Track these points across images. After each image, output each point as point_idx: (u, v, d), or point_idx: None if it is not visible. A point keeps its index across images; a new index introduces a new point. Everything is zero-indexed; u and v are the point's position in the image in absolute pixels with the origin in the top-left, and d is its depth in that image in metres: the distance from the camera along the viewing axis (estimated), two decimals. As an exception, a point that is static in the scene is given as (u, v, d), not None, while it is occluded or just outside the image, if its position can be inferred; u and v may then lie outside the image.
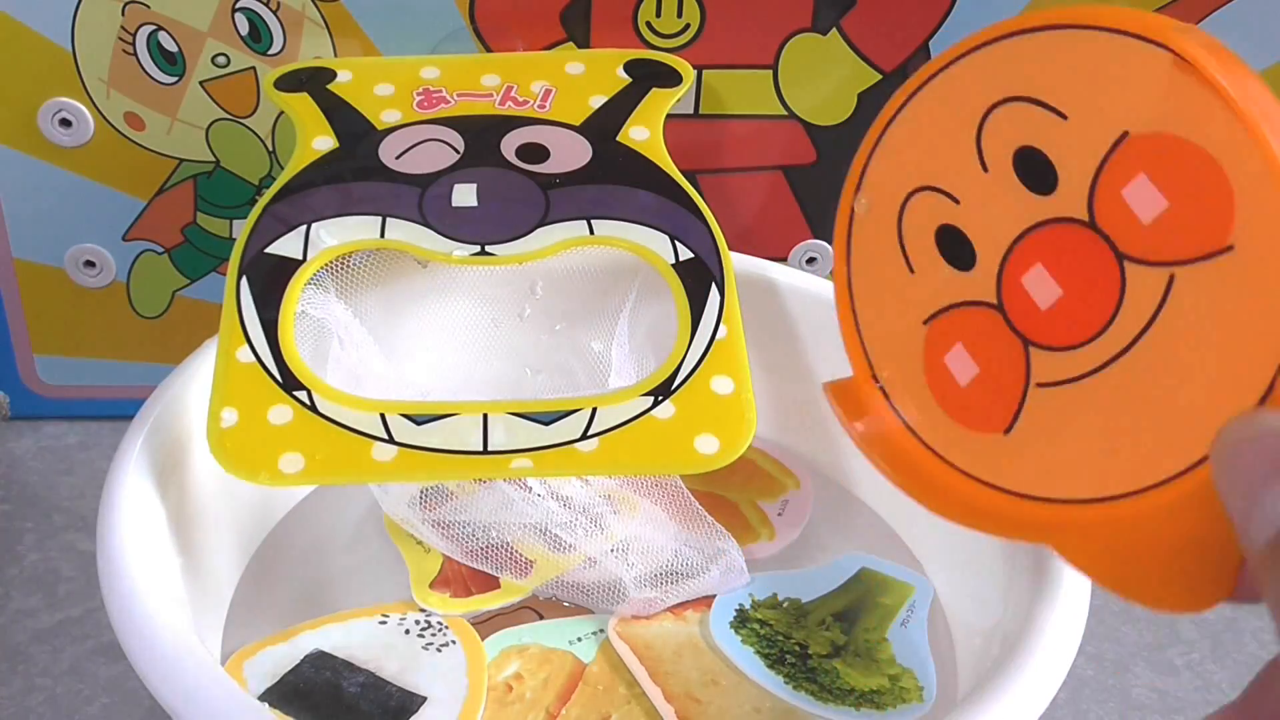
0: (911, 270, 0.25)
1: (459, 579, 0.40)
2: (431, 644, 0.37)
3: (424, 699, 0.35)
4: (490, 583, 0.39)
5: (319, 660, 0.36)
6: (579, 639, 0.37)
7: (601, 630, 0.38)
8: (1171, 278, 0.20)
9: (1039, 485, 0.23)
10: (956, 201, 0.24)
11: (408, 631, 0.37)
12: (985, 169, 0.23)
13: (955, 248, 0.24)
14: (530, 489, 0.40)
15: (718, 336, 0.37)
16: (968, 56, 0.24)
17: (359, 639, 0.37)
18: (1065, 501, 0.22)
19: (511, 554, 0.39)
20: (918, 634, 0.38)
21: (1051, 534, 0.22)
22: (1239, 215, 0.19)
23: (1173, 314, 0.20)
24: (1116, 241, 0.21)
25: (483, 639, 0.37)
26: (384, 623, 0.37)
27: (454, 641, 0.37)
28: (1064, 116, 0.22)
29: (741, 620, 0.38)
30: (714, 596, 0.39)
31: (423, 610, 0.38)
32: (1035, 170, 0.22)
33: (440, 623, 0.38)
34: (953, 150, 0.24)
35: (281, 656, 0.36)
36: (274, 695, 0.35)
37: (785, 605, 0.39)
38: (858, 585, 0.40)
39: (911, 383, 0.25)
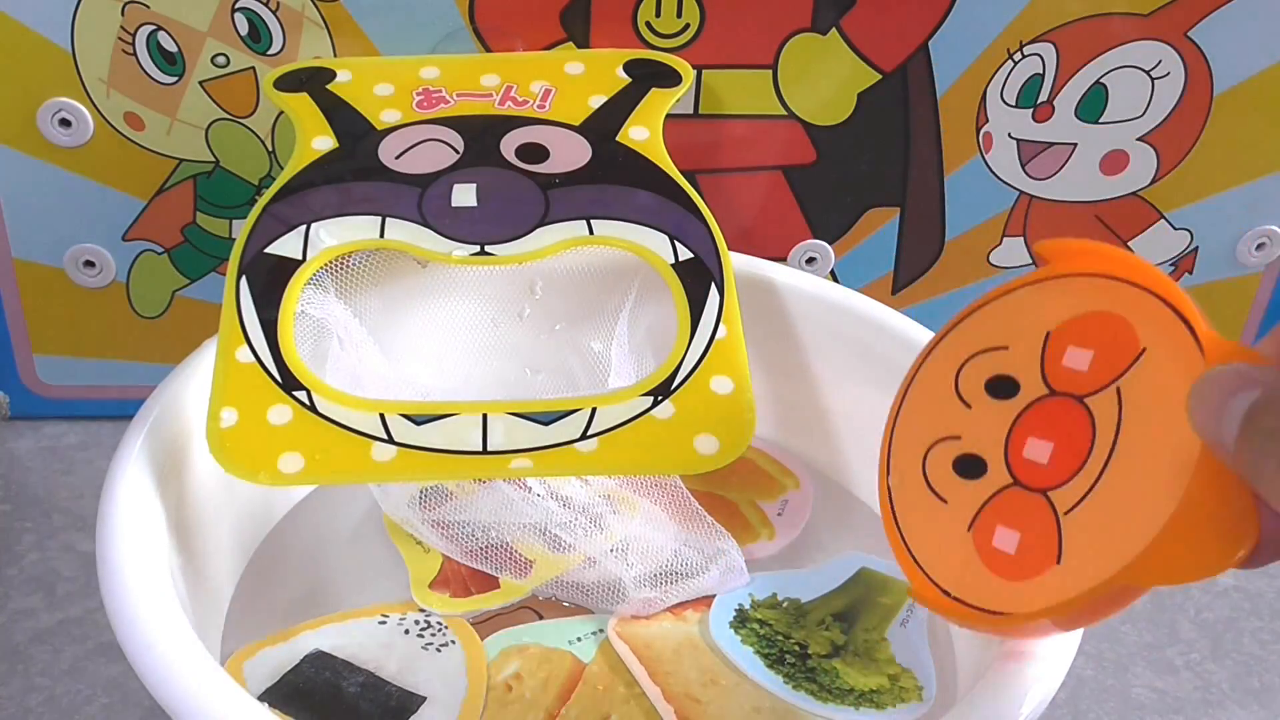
0: (945, 501, 0.32)
1: (459, 579, 0.40)
2: (431, 644, 0.37)
3: (424, 699, 0.35)
4: (490, 583, 0.39)
5: (318, 660, 0.36)
6: (578, 639, 0.37)
7: (601, 630, 0.38)
8: (1118, 390, 0.29)
9: (1101, 571, 0.28)
10: (959, 439, 0.32)
11: (407, 631, 0.37)
12: (969, 406, 0.32)
13: (970, 467, 0.32)
14: (530, 489, 0.40)
15: (717, 336, 0.37)
16: (934, 351, 0.33)
17: (359, 639, 0.37)
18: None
19: (511, 554, 0.39)
20: (917, 634, 0.38)
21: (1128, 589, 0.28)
22: (1139, 331, 0.29)
23: (1129, 412, 0.29)
24: (1073, 392, 0.30)
25: (482, 639, 0.37)
26: (384, 623, 0.37)
27: (453, 641, 0.37)
28: (1006, 348, 0.32)
29: (741, 620, 0.38)
30: (714, 596, 0.39)
31: (422, 610, 0.38)
32: (1002, 387, 0.32)
33: (440, 623, 0.38)
34: (942, 408, 0.33)
35: (281, 657, 0.36)
36: (274, 695, 0.35)
37: (785, 605, 0.39)
38: (857, 585, 0.40)
39: (977, 578, 0.30)
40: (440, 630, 0.37)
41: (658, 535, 0.39)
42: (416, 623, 0.38)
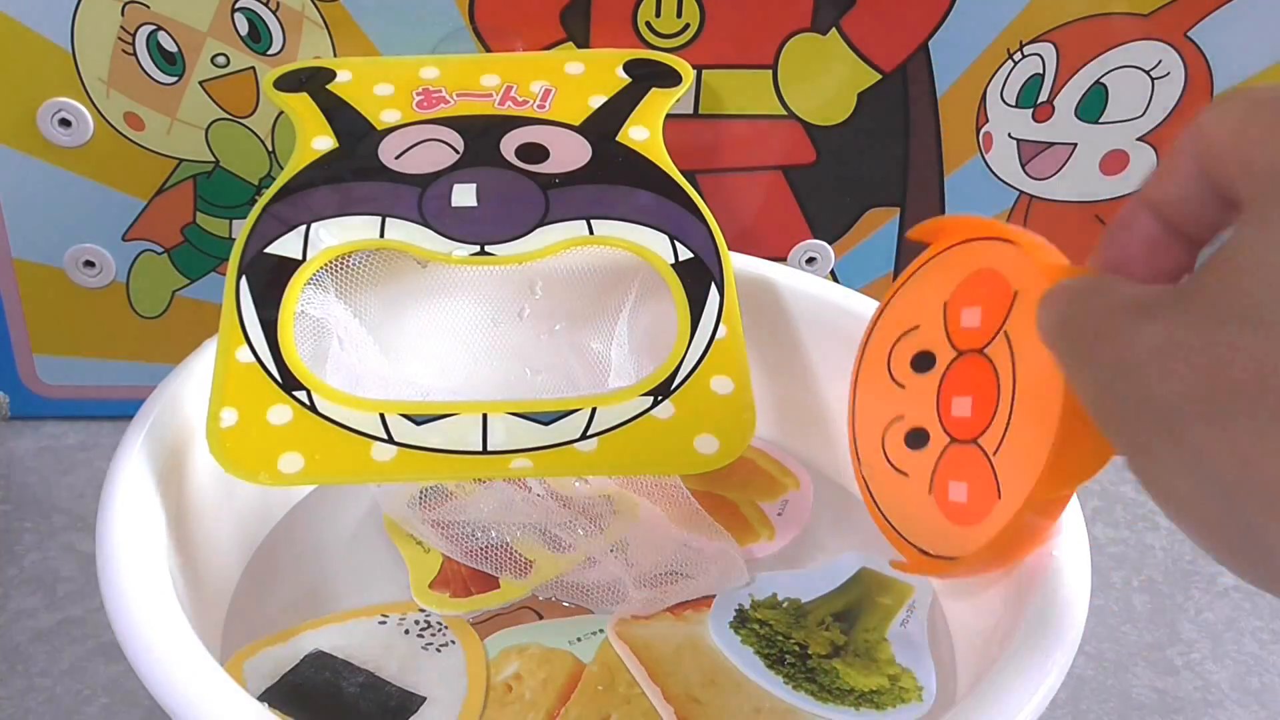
0: (905, 474, 0.36)
1: (458, 579, 0.40)
2: (431, 644, 0.37)
3: (423, 699, 0.35)
4: (490, 583, 0.39)
5: (319, 660, 0.36)
6: (578, 639, 0.37)
7: (601, 630, 0.38)
8: (1006, 334, 0.33)
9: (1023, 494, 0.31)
10: (903, 417, 0.36)
11: (407, 632, 0.37)
12: (903, 386, 0.37)
13: (917, 439, 0.36)
14: (530, 489, 0.40)
15: (717, 336, 0.37)
16: (866, 349, 0.38)
17: (359, 639, 0.37)
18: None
19: (511, 554, 0.39)
20: (917, 634, 0.38)
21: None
22: (1008, 278, 0.33)
23: (1018, 350, 0.32)
24: (974, 348, 0.34)
25: (482, 639, 0.37)
26: (384, 623, 0.37)
27: (454, 641, 0.37)
28: (917, 326, 0.36)
29: (741, 620, 0.38)
30: (713, 597, 0.39)
31: (422, 610, 0.38)
32: (924, 361, 0.36)
33: (440, 623, 0.38)
34: (884, 395, 0.37)
35: (281, 656, 0.36)
36: (274, 695, 0.35)
37: (785, 605, 0.39)
38: (857, 585, 0.40)
39: (946, 532, 0.34)
40: (440, 630, 0.37)
41: (658, 535, 0.39)
42: (417, 623, 0.38)
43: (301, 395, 0.35)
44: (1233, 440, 0.19)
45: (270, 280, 0.37)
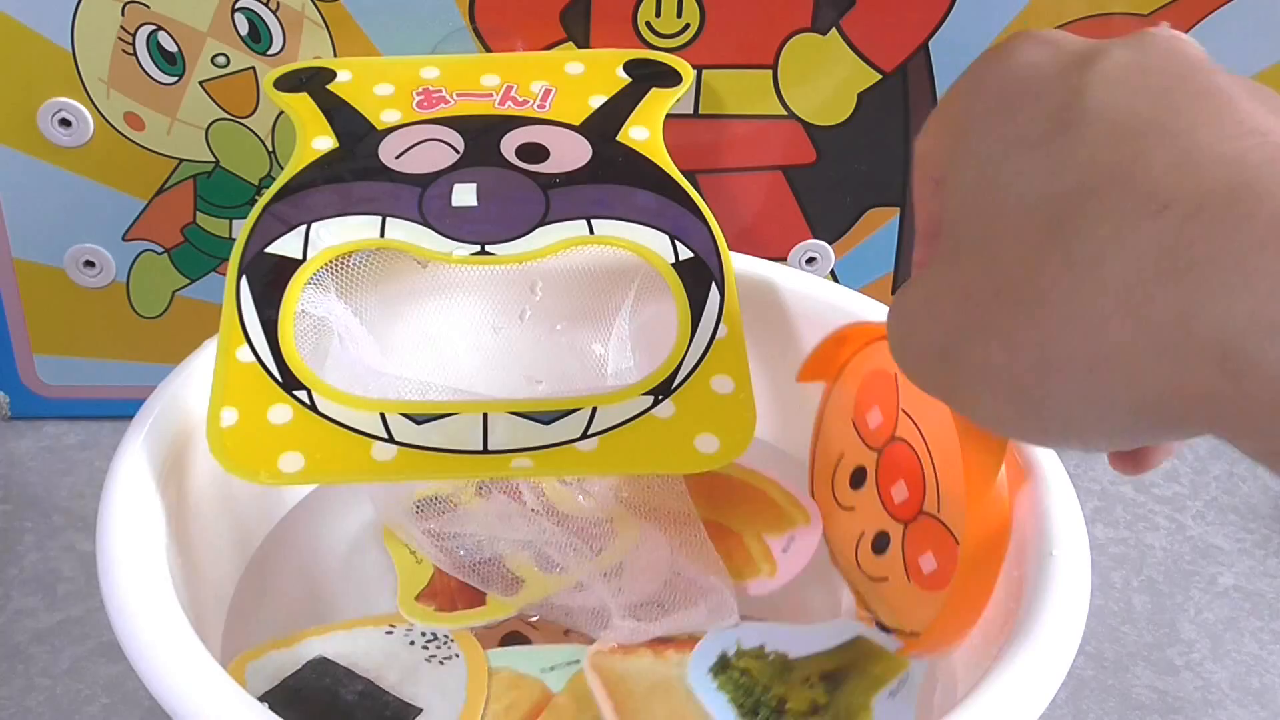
0: (885, 579, 0.38)
1: (445, 593, 0.39)
2: (435, 656, 0.36)
3: (419, 710, 0.34)
4: (476, 599, 0.39)
5: (320, 666, 0.36)
6: (552, 667, 0.36)
7: (578, 661, 0.36)
8: (903, 410, 0.37)
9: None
10: (864, 533, 0.38)
11: (413, 643, 0.37)
12: (852, 508, 0.40)
13: (882, 544, 0.37)
14: (528, 505, 0.39)
15: (718, 336, 0.37)
16: (815, 495, 0.42)
17: (363, 647, 0.37)
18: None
19: (502, 569, 0.39)
20: (905, 706, 0.35)
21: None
22: (887, 368, 0.37)
23: (916, 410, 0.36)
24: (886, 440, 0.37)
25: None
26: (390, 633, 0.37)
27: (458, 655, 0.37)
28: (842, 455, 0.40)
29: (722, 665, 0.36)
30: (699, 637, 0.37)
31: (438, 627, 0.38)
32: (858, 477, 0.39)
33: (447, 636, 0.37)
34: (844, 525, 0.40)
35: (285, 660, 0.36)
36: (273, 698, 0.35)
37: (771, 657, 0.36)
38: (850, 650, 0.37)
39: (930, 608, 0.35)
40: (446, 643, 0.37)
41: (653, 561, 0.38)
42: (423, 634, 0.37)
43: (302, 395, 0.35)
44: (989, 349, 0.25)
45: (270, 280, 0.37)
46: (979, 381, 0.25)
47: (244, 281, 0.37)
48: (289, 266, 0.37)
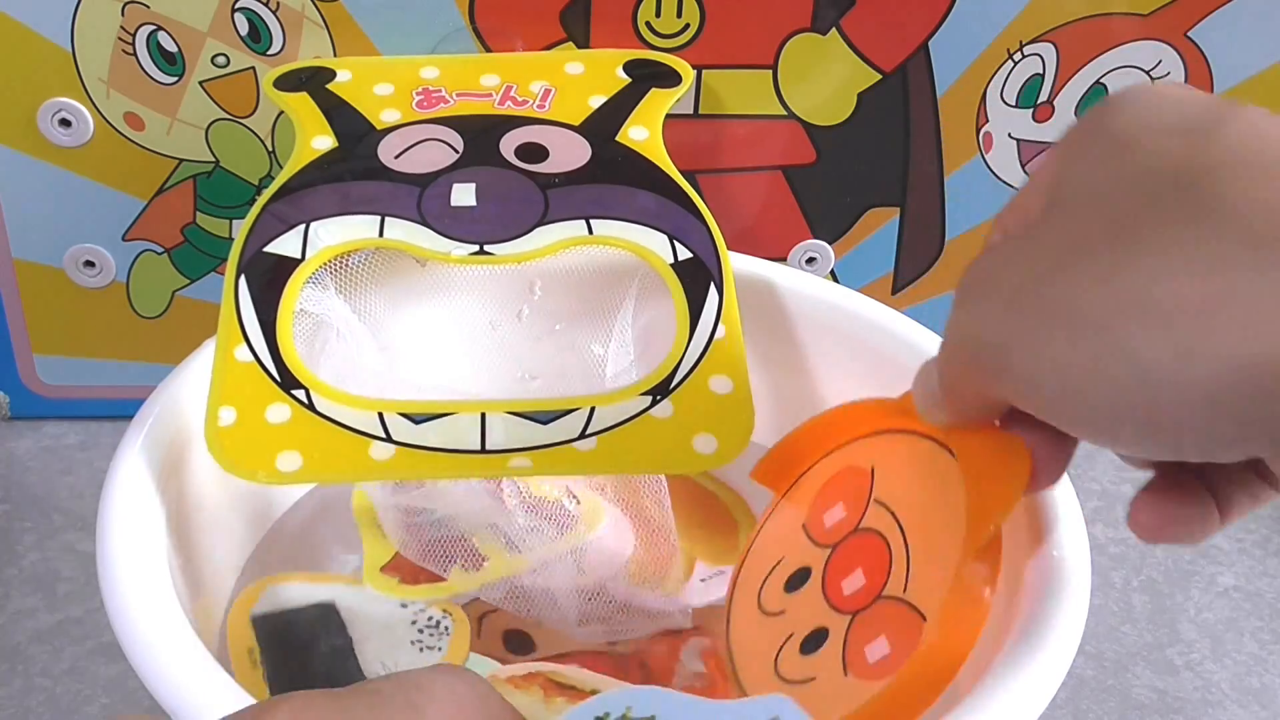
0: (813, 678, 0.34)
1: (408, 566, 0.39)
2: (421, 642, 0.37)
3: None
4: (440, 574, 0.39)
5: (322, 612, 0.37)
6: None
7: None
8: (877, 499, 0.34)
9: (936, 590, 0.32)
10: (792, 634, 0.35)
11: (414, 622, 0.37)
12: (781, 613, 0.36)
13: (815, 642, 0.34)
14: (501, 488, 0.39)
15: (716, 336, 0.37)
16: (733, 603, 0.37)
17: (372, 610, 0.37)
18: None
19: (467, 547, 0.38)
20: None
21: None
22: (861, 464, 0.35)
23: (896, 496, 0.34)
24: (849, 532, 0.34)
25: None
26: (404, 607, 0.38)
27: (440, 650, 0.37)
28: (782, 558, 0.36)
29: None
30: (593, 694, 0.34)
31: (446, 612, 0.38)
32: (798, 579, 0.35)
33: (448, 629, 0.37)
34: (768, 632, 0.35)
35: (301, 593, 0.37)
36: (265, 621, 0.36)
37: None
38: None
39: (851, 695, 0.32)
40: (441, 635, 0.37)
41: (614, 548, 0.38)
42: (430, 620, 0.37)
43: (300, 394, 0.35)
44: (1079, 283, 0.24)
45: (269, 279, 0.37)
46: (1054, 322, 0.23)
47: (243, 281, 0.37)
48: (288, 266, 0.37)
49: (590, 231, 0.39)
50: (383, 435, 0.34)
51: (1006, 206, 0.29)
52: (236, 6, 0.46)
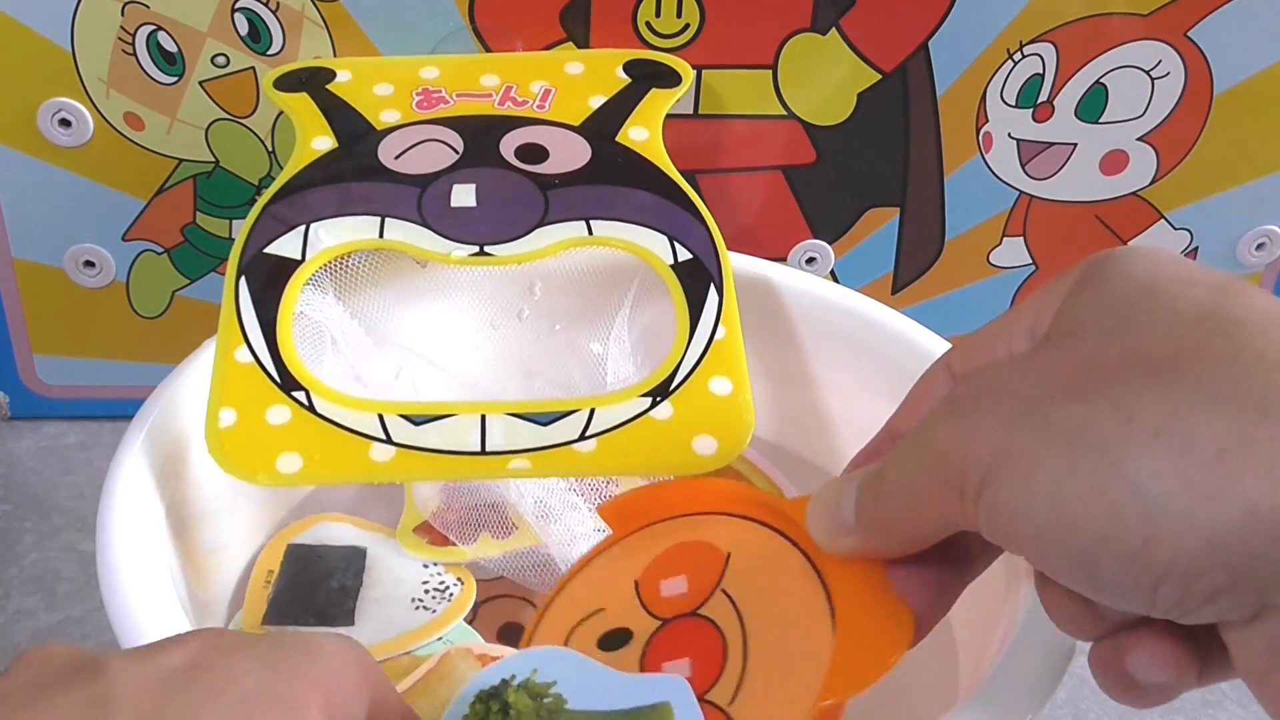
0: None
1: (439, 532, 0.39)
2: (421, 602, 0.37)
3: (351, 625, 0.36)
4: (469, 539, 0.39)
5: (348, 554, 0.39)
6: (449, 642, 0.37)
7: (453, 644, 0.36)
8: (725, 591, 0.31)
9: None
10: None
11: (425, 582, 0.38)
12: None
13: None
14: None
15: (716, 337, 0.37)
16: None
17: (394, 562, 0.38)
18: None
19: (499, 514, 0.39)
20: None
21: None
22: (718, 544, 0.32)
23: (744, 598, 0.31)
24: (685, 612, 0.31)
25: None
26: (426, 567, 0.38)
27: (433, 612, 0.37)
28: (602, 609, 0.33)
29: (494, 693, 0.29)
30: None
31: (459, 580, 0.38)
32: (615, 639, 0.32)
33: (452, 596, 0.38)
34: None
35: (343, 534, 0.39)
36: (293, 550, 0.39)
37: (548, 700, 0.30)
38: (648, 717, 0.31)
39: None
40: (443, 600, 0.37)
41: None
42: (441, 584, 0.38)
43: (300, 395, 0.35)
44: (1094, 409, 0.22)
45: (269, 280, 0.37)
46: (1058, 442, 0.22)
47: (243, 282, 0.37)
48: (288, 267, 0.37)
49: (590, 232, 0.39)
50: (383, 437, 0.34)
51: (984, 332, 0.27)
52: (236, 6, 0.46)
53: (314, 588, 0.37)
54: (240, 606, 0.40)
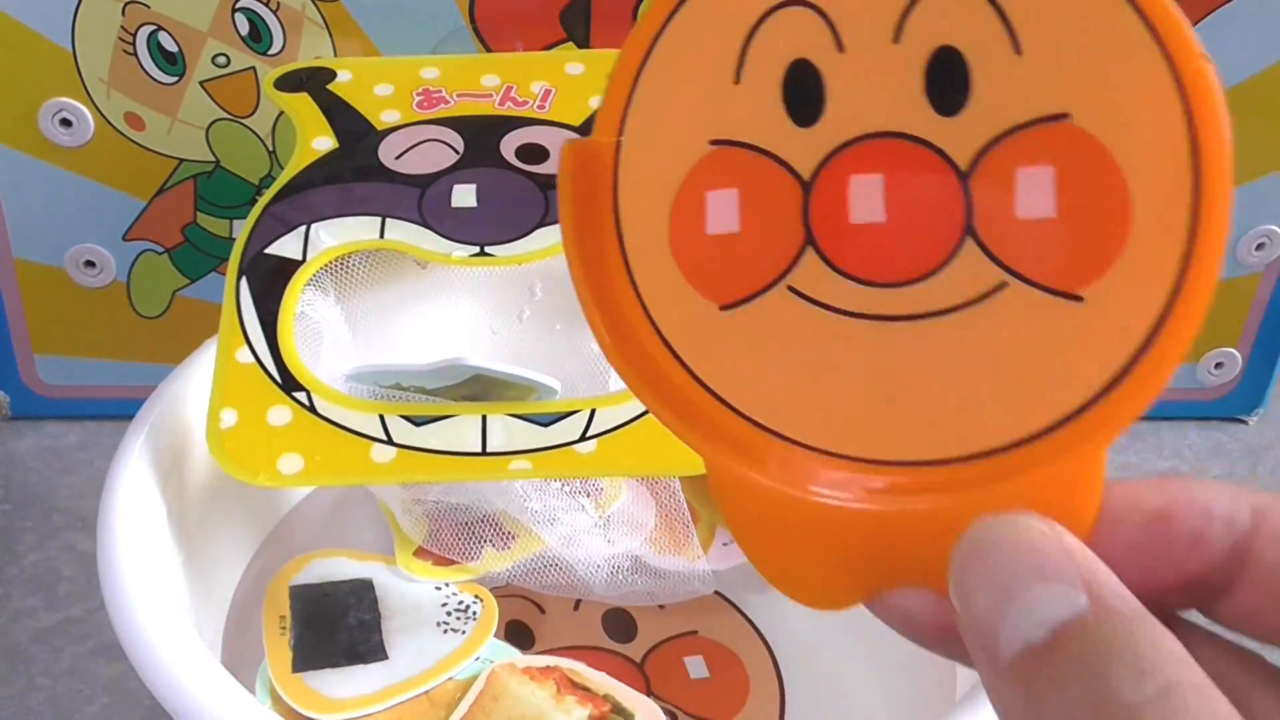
0: (737, 81, 0.19)
1: (438, 552, 0.39)
2: (446, 624, 0.37)
3: (385, 659, 0.35)
4: (472, 555, 0.39)
5: (359, 587, 0.38)
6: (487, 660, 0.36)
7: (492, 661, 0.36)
8: (1004, 284, 0.18)
9: (748, 401, 0.19)
10: (841, 49, 0.18)
11: (444, 604, 0.38)
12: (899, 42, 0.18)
13: (804, 92, 0.18)
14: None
15: (717, 337, 0.37)
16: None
17: (405, 589, 0.38)
18: (779, 436, 0.19)
19: (494, 526, 0.39)
20: None
21: (739, 463, 0.19)
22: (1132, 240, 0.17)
23: (988, 316, 0.18)
24: (975, 214, 0.18)
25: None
26: (438, 589, 0.38)
27: (463, 633, 0.37)
28: (1016, 44, 0.18)
29: None
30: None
31: (477, 597, 0.38)
32: (949, 76, 0.18)
33: (475, 614, 0.38)
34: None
35: (343, 568, 0.38)
36: (302, 591, 0.37)
37: None
38: None
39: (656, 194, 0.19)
40: (469, 620, 0.37)
41: (639, 514, 0.39)
42: (460, 604, 0.38)
43: (301, 396, 0.35)
44: None
45: (270, 280, 0.37)
46: None
47: (244, 282, 0.37)
48: (289, 267, 0.37)
49: (591, 232, 0.39)
50: (384, 438, 0.34)
51: None
52: (237, 6, 0.46)
53: (333, 627, 0.36)
54: (240, 608, 0.40)
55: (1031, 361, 0.17)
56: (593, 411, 0.35)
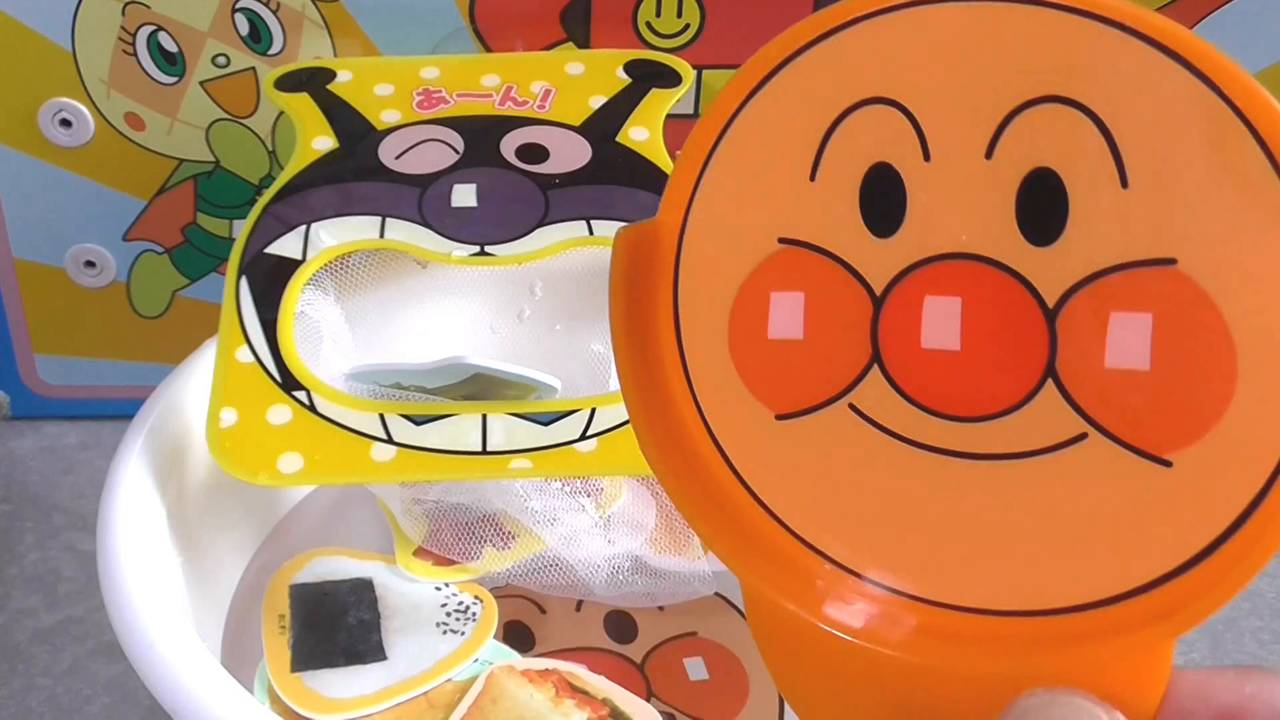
0: (813, 178, 0.18)
1: (438, 552, 0.39)
2: (446, 625, 0.37)
3: (384, 659, 0.35)
4: (472, 555, 0.39)
5: (359, 586, 0.37)
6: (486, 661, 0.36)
7: (490, 663, 0.36)
8: (1084, 435, 0.16)
9: (796, 517, 0.18)
10: (927, 158, 0.17)
11: (443, 605, 0.37)
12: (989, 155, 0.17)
13: (883, 199, 0.17)
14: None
15: (717, 337, 0.37)
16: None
17: (405, 589, 0.38)
18: (825, 557, 0.18)
19: (494, 525, 0.39)
20: None
21: (780, 591, 0.18)
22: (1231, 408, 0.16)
23: (1050, 473, 0.17)
24: (1059, 355, 0.16)
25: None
26: (439, 589, 0.38)
27: (463, 635, 0.37)
28: (1123, 176, 0.16)
29: None
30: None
31: (477, 598, 0.38)
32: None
33: (475, 615, 0.38)
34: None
35: (343, 568, 0.38)
36: (301, 590, 0.37)
37: None
38: None
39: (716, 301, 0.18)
40: (469, 620, 0.37)
41: (639, 514, 0.39)
42: (460, 604, 0.38)
43: (301, 395, 0.35)
44: None
45: (270, 280, 0.37)
46: None
47: (244, 282, 0.37)
48: (289, 267, 0.37)
49: (591, 232, 0.39)
50: (384, 437, 0.34)
51: None
52: (237, 6, 0.46)
53: (332, 626, 0.36)
54: (240, 607, 0.40)
55: (1106, 523, 0.16)
56: (593, 410, 0.35)
